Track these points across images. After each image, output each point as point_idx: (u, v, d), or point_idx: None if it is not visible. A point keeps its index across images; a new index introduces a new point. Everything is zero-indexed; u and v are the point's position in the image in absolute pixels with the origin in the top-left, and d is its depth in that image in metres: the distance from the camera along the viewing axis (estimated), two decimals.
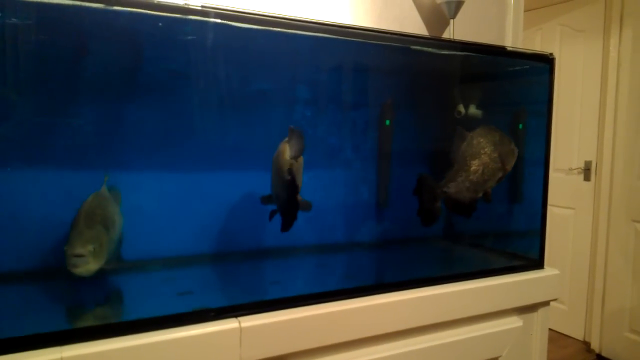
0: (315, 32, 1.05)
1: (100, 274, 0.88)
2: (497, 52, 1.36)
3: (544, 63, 1.30)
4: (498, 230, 1.47)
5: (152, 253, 1.10)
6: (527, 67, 1.39)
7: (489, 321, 1.17)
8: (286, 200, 1.02)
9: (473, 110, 1.36)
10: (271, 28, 1.01)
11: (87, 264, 0.83)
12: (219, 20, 0.97)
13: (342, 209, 1.31)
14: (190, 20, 0.97)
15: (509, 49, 1.39)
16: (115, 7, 0.88)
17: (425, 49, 1.23)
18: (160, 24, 0.97)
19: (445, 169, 1.23)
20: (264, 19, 0.98)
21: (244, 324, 0.84)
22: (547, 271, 1.26)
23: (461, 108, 1.36)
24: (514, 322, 1.20)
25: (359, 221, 1.37)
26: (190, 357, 0.80)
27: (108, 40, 1.02)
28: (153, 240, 1.08)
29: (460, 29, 1.54)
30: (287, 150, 1.01)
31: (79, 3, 0.85)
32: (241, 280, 1.11)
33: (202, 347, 0.81)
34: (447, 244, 1.48)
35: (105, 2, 0.86)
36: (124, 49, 1.06)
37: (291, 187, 1.01)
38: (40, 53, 0.97)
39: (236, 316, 0.86)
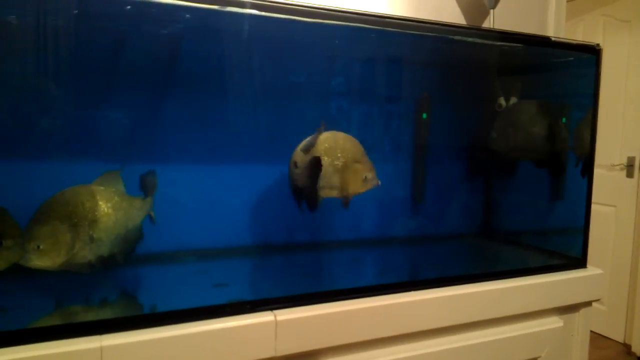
0: (352, 22, 1.03)
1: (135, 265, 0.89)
2: (540, 42, 1.31)
3: (590, 54, 1.24)
4: (539, 228, 1.42)
5: (188, 245, 1.11)
6: (572, 58, 1.34)
7: (528, 321, 1.14)
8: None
9: (514, 102, 1.32)
10: (306, 19, 1.00)
11: (32, 261, 0.83)
12: (253, 11, 0.96)
13: (377, 204, 1.29)
14: (225, 12, 0.96)
15: (553, 39, 1.33)
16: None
17: (465, 39, 1.19)
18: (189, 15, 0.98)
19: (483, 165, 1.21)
20: (298, 9, 0.96)
21: (279, 317, 0.83)
22: (590, 270, 1.22)
23: (502, 101, 1.32)
24: (554, 323, 1.16)
25: (394, 216, 1.35)
26: (226, 348, 0.79)
27: (143, 32, 1.03)
28: (189, 232, 1.08)
29: (500, 20, 1.49)
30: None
31: None
32: (276, 274, 1.11)
33: (238, 339, 0.80)
34: (484, 241, 1.45)
35: None
36: (157, 41, 1.07)
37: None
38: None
39: (271, 309, 0.85)
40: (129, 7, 0.96)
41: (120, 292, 0.98)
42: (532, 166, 1.39)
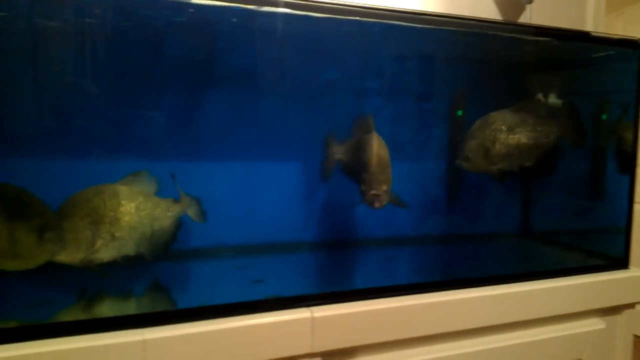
0: (386, 19, 1.03)
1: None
2: (579, 37, 1.28)
3: (633, 49, 1.21)
4: (579, 227, 1.39)
5: (226, 241, 1.12)
6: (612, 53, 1.30)
7: (568, 322, 1.11)
8: None
9: (553, 99, 1.29)
10: (340, 16, 1.00)
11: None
12: (288, 10, 0.97)
13: (412, 202, 1.29)
14: (262, 12, 0.97)
15: (592, 34, 1.30)
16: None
17: (501, 34, 1.18)
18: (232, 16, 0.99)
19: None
20: (332, 7, 0.97)
21: (316, 314, 0.84)
22: (633, 271, 1.18)
23: (540, 98, 1.29)
24: (595, 324, 1.13)
25: (430, 215, 1.33)
26: (264, 343, 0.80)
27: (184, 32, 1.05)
28: (228, 228, 1.10)
29: (536, 15, 1.45)
30: None
31: None
32: (312, 271, 1.11)
33: (276, 334, 0.81)
34: (523, 240, 1.42)
35: None
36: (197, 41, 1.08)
37: None
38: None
39: (308, 306, 0.85)
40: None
41: (160, 286, 1.00)
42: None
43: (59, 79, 0.98)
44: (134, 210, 0.94)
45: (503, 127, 1.20)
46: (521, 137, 1.19)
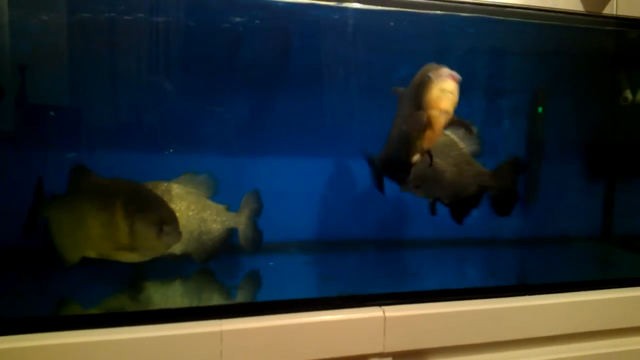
0: (464, 12, 1.00)
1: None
2: None
3: None
4: None
5: (295, 236, 1.13)
6: None
7: None
8: None
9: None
10: (416, 10, 0.98)
11: None
12: (358, 5, 0.96)
13: (485, 203, 1.24)
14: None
15: None
16: None
17: (586, 26, 1.11)
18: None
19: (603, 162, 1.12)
20: (409, 0, 0.95)
21: (388, 314, 0.83)
22: None
23: (628, 94, 1.21)
24: None
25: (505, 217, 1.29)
26: (335, 340, 0.80)
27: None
28: (297, 224, 1.10)
29: (623, 6, 1.36)
30: None
31: None
32: (382, 269, 1.10)
33: (349, 331, 0.81)
34: (604, 245, 1.35)
35: None
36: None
37: None
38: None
39: (379, 305, 0.85)
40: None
41: (237, 280, 1.02)
42: None
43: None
44: (183, 209, 0.96)
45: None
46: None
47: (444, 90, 0.82)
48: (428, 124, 0.84)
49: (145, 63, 1.04)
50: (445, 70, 0.83)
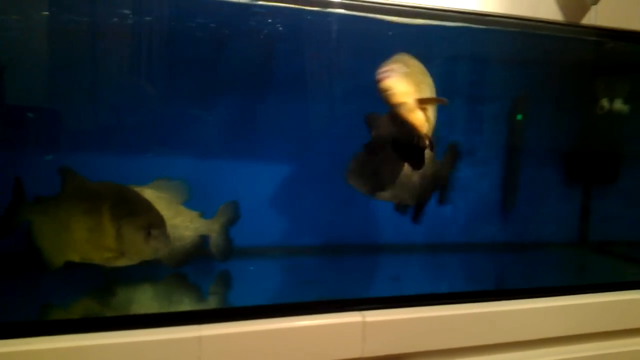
0: (443, 20, 1.01)
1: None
2: None
3: None
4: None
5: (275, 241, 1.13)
6: None
7: (622, 339, 1.06)
8: None
9: (619, 105, 1.23)
10: (397, 18, 0.99)
11: None
12: (341, 11, 0.96)
13: (464, 208, 1.26)
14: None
15: None
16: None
17: (564, 35, 1.13)
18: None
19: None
20: (389, 7, 0.95)
21: (367, 319, 0.83)
22: None
23: (605, 102, 1.23)
24: None
25: (482, 222, 1.30)
26: (315, 345, 0.80)
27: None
28: (277, 229, 1.10)
29: (602, 16, 1.39)
30: None
31: None
32: (362, 274, 1.10)
33: (327, 336, 0.81)
34: (581, 250, 1.37)
35: None
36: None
37: None
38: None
39: (359, 310, 0.85)
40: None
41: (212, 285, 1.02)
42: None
43: None
44: None
45: None
46: None
47: (381, 90, 0.83)
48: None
49: (117, 65, 1.02)
50: (379, 71, 0.84)
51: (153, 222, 0.85)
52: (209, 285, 1.00)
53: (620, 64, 1.31)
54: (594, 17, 1.35)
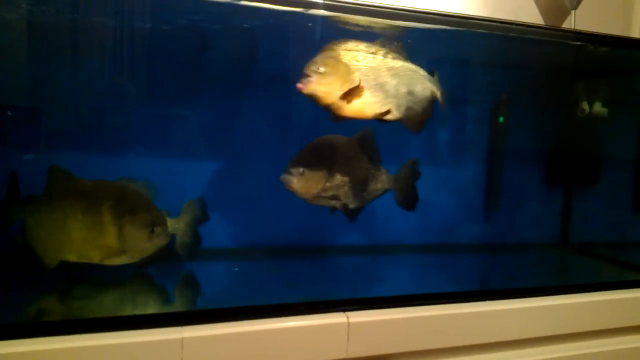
0: (426, 23, 1.02)
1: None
2: (625, 44, 1.24)
3: None
4: (619, 240, 1.34)
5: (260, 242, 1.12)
6: None
7: (605, 338, 1.07)
8: None
9: (598, 108, 1.25)
10: (380, 19, 0.99)
11: None
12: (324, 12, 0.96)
13: (448, 209, 1.27)
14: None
15: None
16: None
17: (544, 39, 1.15)
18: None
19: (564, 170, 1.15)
20: (374, 9, 0.96)
21: (352, 319, 0.83)
22: None
23: (585, 106, 1.25)
24: (636, 342, 1.09)
25: (467, 223, 1.31)
26: (299, 346, 0.80)
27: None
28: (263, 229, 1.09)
29: (581, 21, 1.42)
30: None
31: None
32: (346, 275, 1.10)
33: (311, 338, 0.81)
34: (562, 251, 1.38)
35: None
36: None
37: None
38: None
39: (343, 311, 0.85)
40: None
41: (197, 285, 1.00)
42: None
43: None
44: None
45: None
46: None
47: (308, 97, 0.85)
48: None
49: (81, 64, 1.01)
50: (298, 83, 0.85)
51: (156, 220, 0.85)
52: (173, 287, 0.99)
53: (600, 67, 1.34)
54: (573, 22, 1.38)
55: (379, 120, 0.93)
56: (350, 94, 0.87)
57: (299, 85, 0.84)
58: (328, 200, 1.00)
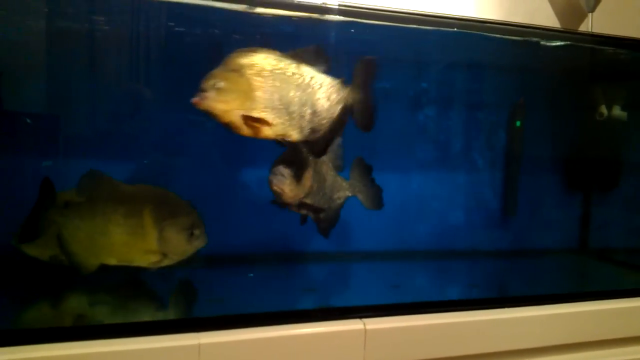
0: (441, 27, 1.01)
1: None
2: None
3: None
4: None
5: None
6: None
7: (630, 346, 1.05)
8: None
9: (617, 111, 1.23)
10: (394, 24, 0.99)
11: None
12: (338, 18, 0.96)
13: (465, 215, 1.25)
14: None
15: None
16: None
17: (562, 43, 1.14)
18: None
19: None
20: (386, 14, 0.95)
21: (369, 326, 0.82)
22: None
23: (603, 109, 1.24)
24: None
25: (483, 229, 1.29)
26: (316, 353, 0.79)
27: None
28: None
29: (599, 23, 1.40)
30: None
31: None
32: (364, 282, 1.10)
33: (328, 344, 0.80)
34: (582, 257, 1.36)
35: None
36: None
37: None
38: None
39: (360, 317, 0.84)
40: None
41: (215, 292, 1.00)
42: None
43: None
44: None
45: None
46: None
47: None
48: None
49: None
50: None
51: (195, 223, 0.87)
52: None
53: (618, 70, 1.32)
54: (591, 25, 1.37)
55: (278, 143, 0.86)
56: (249, 118, 0.79)
57: (194, 100, 0.75)
58: (308, 209, 0.95)
